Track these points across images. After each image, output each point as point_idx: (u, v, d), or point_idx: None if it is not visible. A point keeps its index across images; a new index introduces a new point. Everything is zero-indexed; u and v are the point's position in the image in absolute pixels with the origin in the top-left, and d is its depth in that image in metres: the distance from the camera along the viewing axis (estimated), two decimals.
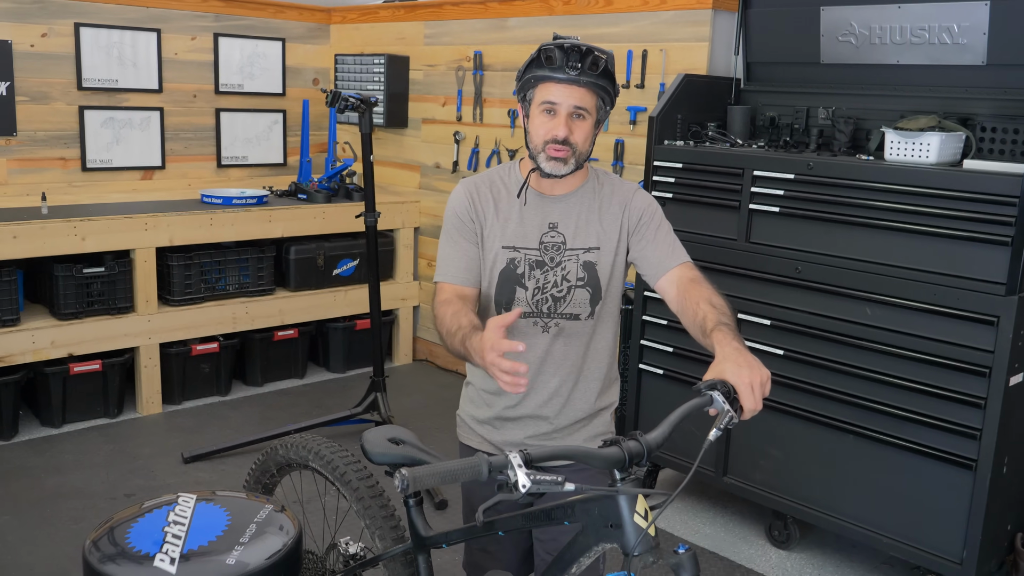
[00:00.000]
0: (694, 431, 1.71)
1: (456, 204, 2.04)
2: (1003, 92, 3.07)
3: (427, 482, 1.39)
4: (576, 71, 1.86)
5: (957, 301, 2.77)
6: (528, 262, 1.99)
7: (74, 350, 4.15)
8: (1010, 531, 3.01)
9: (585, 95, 1.89)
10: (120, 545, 1.60)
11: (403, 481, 1.38)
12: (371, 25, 5.46)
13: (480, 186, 2.05)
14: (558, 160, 1.92)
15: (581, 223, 2.00)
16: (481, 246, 2.02)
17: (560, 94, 1.89)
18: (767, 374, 1.62)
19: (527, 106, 1.97)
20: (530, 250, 2.00)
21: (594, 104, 1.91)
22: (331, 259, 5.00)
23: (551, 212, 2.01)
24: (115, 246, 4.21)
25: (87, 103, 4.81)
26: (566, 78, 1.87)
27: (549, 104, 1.90)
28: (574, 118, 1.91)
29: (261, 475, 2.39)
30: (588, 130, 1.93)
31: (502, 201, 2.03)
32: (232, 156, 5.40)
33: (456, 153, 4.99)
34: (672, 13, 3.90)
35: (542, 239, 2.00)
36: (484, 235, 2.02)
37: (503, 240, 2.00)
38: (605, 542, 1.55)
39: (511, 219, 2.01)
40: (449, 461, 1.44)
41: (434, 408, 4.63)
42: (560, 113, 1.90)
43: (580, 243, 2.00)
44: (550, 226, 2.00)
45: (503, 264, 2.00)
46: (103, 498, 3.55)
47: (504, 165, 2.10)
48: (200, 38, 5.16)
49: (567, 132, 1.90)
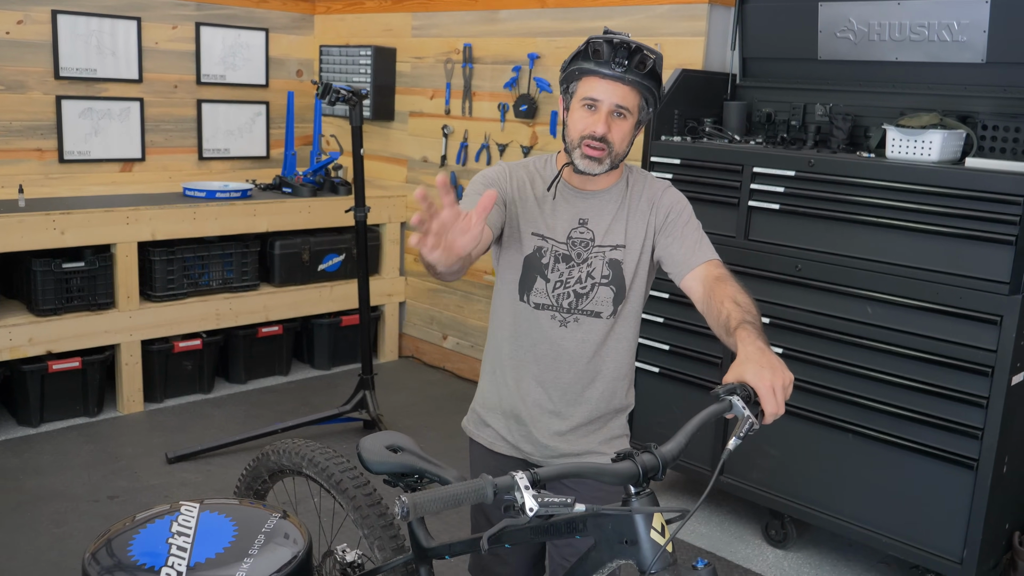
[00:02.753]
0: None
1: (491, 172, 2.00)
2: (1003, 90, 3.06)
3: (428, 508, 1.31)
4: (623, 68, 1.81)
5: (960, 300, 2.75)
6: (554, 254, 1.95)
7: (53, 347, 4.04)
8: (1008, 529, 3.00)
9: (628, 94, 1.84)
10: (122, 558, 1.53)
11: (403, 508, 1.29)
12: (357, 16, 5.36)
13: (518, 169, 2.02)
14: (593, 160, 1.87)
15: (612, 221, 1.96)
16: (511, 223, 1.96)
17: (603, 90, 1.84)
18: (790, 377, 1.54)
19: (568, 99, 1.92)
20: (558, 243, 1.95)
21: (637, 104, 1.86)
22: (316, 254, 4.91)
23: (583, 208, 1.97)
24: (95, 240, 4.09)
25: (64, 93, 4.68)
26: (611, 74, 1.82)
27: (591, 100, 1.85)
28: (615, 116, 1.85)
29: (252, 481, 2.31)
30: (627, 130, 1.88)
31: (538, 189, 1.99)
32: (214, 148, 5.29)
33: (444, 147, 4.92)
34: (667, 7, 3.86)
35: (571, 234, 1.95)
36: (516, 213, 1.96)
37: (534, 226, 1.96)
38: (620, 558, 1.49)
39: (543, 209, 1.97)
40: (452, 485, 1.37)
41: (422, 406, 4.56)
42: (601, 110, 1.85)
43: (608, 241, 1.96)
44: (580, 222, 1.96)
45: (530, 250, 1.96)
46: (85, 500, 3.45)
47: (541, 156, 2.06)
48: (181, 27, 5.05)
49: (606, 129, 1.84)
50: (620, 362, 2.01)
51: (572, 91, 1.90)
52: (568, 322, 1.95)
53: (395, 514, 1.30)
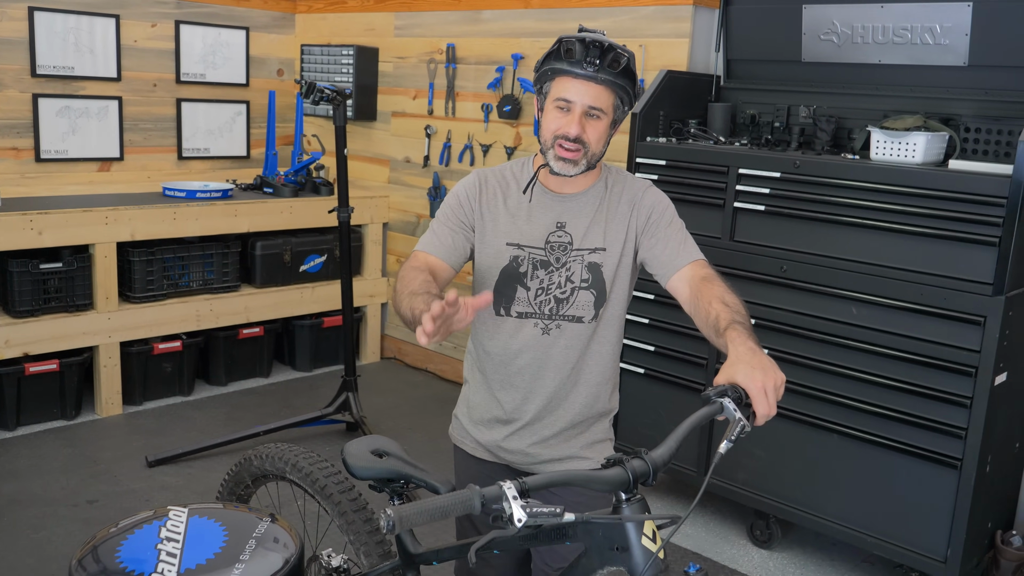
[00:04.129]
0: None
1: (462, 190, 1.98)
2: (984, 93, 3.08)
3: (414, 521, 1.29)
4: (595, 68, 1.79)
5: (944, 301, 2.77)
6: (532, 261, 1.92)
7: (30, 349, 3.97)
8: (991, 528, 3.03)
9: (602, 93, 1.82)
10: (109, 564, 1.50)
11: (388, 522, 1.27)
12: (338, 15, 5.33)
13: (491, 178, 1.99)
14: (568, 161, 1.85)
15: (590, 223, 1.93)
16: (482, 240, 1.95)
17: (576, 91, 1.81)
18: (782, 377, 1.53)
19: (542, 99, 1.89)
20: (535, 249, 1.93)
21: (611, 103, 1.84)
22: (298, 255, 4.87)
23: (560, 211, 1.94)
24: (74, 241, 4.04)
25: (41, 91, 4.62)
26: (584, 74, 1.79)
27: (564, 101, 1.83)
28: (588, 117, 1.83)
29: (235, 486, 2.27)
30: (603, 130, 1.86)
31: (511, 196, 1.96)
32: (194, 148, 5.24)
33: (427, 147, 4.89)
34: (652, 8, 3.86)
35: (548, 238, 1.93)
36: (485, 229, 1.95)
37: (508, 237, 1.93)
38: (611, 565, 1.46)
39: (519, 216, 1.94)
40: (439, 496, 1.34)
41: (405, 408, 4.54)
42: (574, 111, 1.82)
43: (587, 244, 1.93)
44: (558, 225, 1.93)
45: (506, 261, 1.93)
46: (64, 505, 3.40)
47: (519, 160, 2.03)
48: (161, 25, 4.99)
49: (579, 130, 1.82)
50: (604, 366, 1.99)
51: (546, 91, 1.87)
52: (551, 329, 1.93)
53: (381, 528, 1.28)
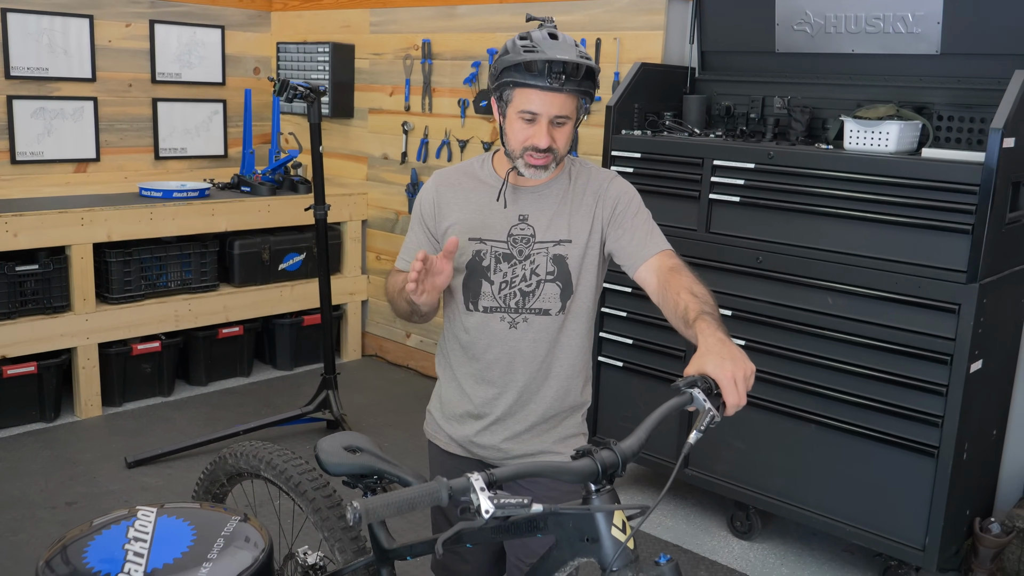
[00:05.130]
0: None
1: (423, 196, 2.02)
2: (957, 81, 3.09)
3: (381, 513, 1.28)
4: (560, 82, 1.76)
5: (918, 289, 2.78)
6: (495, 255, 1.92)
7: (7, 352, 3.94)
8: (969, 516, 3.04)
9: (567, 102, 1.80)
10: (77, 565, 1.48)
11: (355, 514, 1.26)
12: (314, 12, 5.30)
13: (451, 178, 1.99)
14: (539, 167, 1.85)
15: (553, 215, 1.92)
16: (445, 238, 1.95)
17: (540, 103, 1.79)
18: (752, 367, 1.53)
19: (503, 106, 1.85)
20: (497, 243, 1.92)
21: (575, 106, 1.83)
22: (276, 253, 4.85)
23: (522, 204, 1.93)
24: (49, 242, 4.01)
25: (15, 92, 4.58)
26: (548, 87, 1.76)
27: (529, 114, 1.80)
28: (555, 125, 1.82)
29: (211, 485, 2.27)
30: (569, 133, 1.85)
31: (472, 192, 1.96)
32: (170, 148, 5.21)
33: (404, 144, 4.88)
34: (626, 1, 3.85)
35: (511, 231, 1.92)
36: (448, 228, 1.95)
37: (470, 232, 1.93)
38: (581, 556, 1.47)
39: (480, 210, 1.94)
40: (406, 489, 1.34)
41: (386, 405, 4.53)
42: (541, 123, 1.80)
43: (551, 236, 1.92)
44: (520, 218, 1.92)
45: (469, 256, 1.92)
46: (42, 507, 3.37)
47: (478, 157, 2.02)
48: (135, 25, 4.95)
49: (549, 141, 1.81)
50: (574, 359, 1.98)
51: (507, 99, 1.83)
52: (518, 323, 1.92)
53: (348, 520, 1.27)
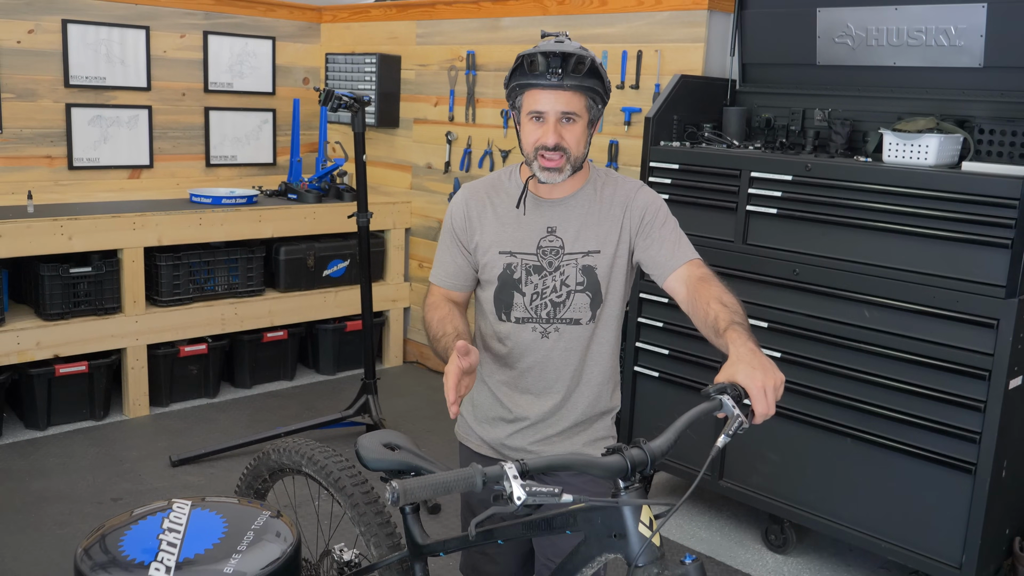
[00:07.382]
0: (690, 434, 1.66)
1: (453, 210, 2.06)
2: (1000, 94, 3.06)
3: (418, 494, 1.34)
4: (559, 76, 1.82)
5: (956, 304, 2.75)
6: (525, 267, 1.96)
7: (60, 351, 4.08)
8: (1008, 535, 2.99)
9: (572, 98, 1.85)
10: (113, 553, 1.55)
11: (393, 494, 1.32)
12: (362, 24, 5.41)
13: (479, 192, 2.04)
14: (552, 170, 1.89)
15: (581, 226, 1.96)
16: (476, 251, 2.01)
17: (546, 101, 1.85)
18: (781, 378, 1.57)
19: (517, 114, 1.94)
20: (527, 255, 1.96)
21: (583, 105, 1.87)
22: (321, 260, 4.95)
23: (550, 216, 1.97)
24: (102, 246, 4.14)
25: (74, 101, 4.74)
26: (549, 84, 1.83)
27: (536, 112, 1.87)
28: (564, 123, 1.86)
29: (253, 480, 2.34)
30: (580, 132, 1.88)
31: (501, 206, 2.00)
32: (221, 155, 5.34)
33: (448, 153, 4.95)
34: (667, 14, 3.88)
35: (540, 244, 1.96)
36: (479, 242, 2.00)
37: (500, 245, 1.98)
38: (609, 552, 1.51)
39: (509, 224, 1.98)
40: (442, 472, 1.39)
41: (425, 411, 4.58)
42: (548, 120, 1.86)
43: (579, 247, 1.96)
44: (548, 230, 1.96)
45: (500, 269, 1.97)
46: (89, 502, 3.48)
47: (507, 168, 2.07)
48: (189, 36, 5.10)
49: (557, 138, 1.86)
50: (604, 366, 2.02)
51: (519, 106, 1.92)
52: (550, 333, 1.97)
53: (385, 500, 1.33)
